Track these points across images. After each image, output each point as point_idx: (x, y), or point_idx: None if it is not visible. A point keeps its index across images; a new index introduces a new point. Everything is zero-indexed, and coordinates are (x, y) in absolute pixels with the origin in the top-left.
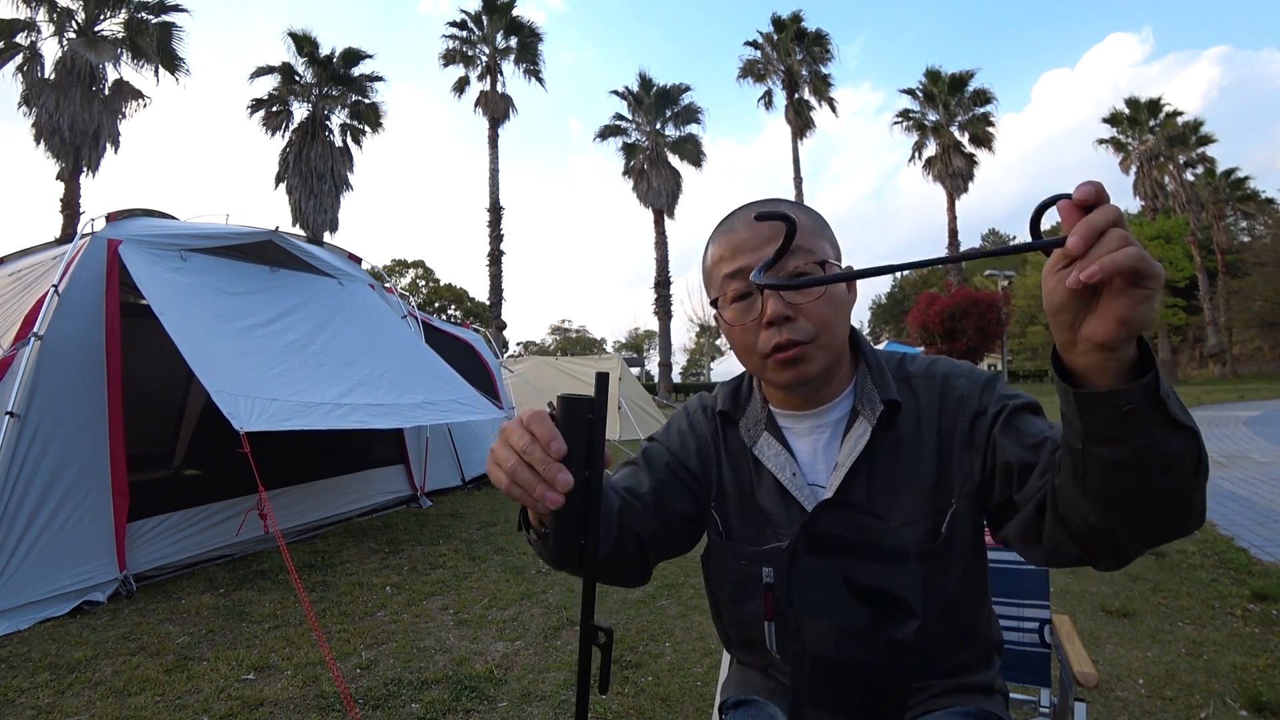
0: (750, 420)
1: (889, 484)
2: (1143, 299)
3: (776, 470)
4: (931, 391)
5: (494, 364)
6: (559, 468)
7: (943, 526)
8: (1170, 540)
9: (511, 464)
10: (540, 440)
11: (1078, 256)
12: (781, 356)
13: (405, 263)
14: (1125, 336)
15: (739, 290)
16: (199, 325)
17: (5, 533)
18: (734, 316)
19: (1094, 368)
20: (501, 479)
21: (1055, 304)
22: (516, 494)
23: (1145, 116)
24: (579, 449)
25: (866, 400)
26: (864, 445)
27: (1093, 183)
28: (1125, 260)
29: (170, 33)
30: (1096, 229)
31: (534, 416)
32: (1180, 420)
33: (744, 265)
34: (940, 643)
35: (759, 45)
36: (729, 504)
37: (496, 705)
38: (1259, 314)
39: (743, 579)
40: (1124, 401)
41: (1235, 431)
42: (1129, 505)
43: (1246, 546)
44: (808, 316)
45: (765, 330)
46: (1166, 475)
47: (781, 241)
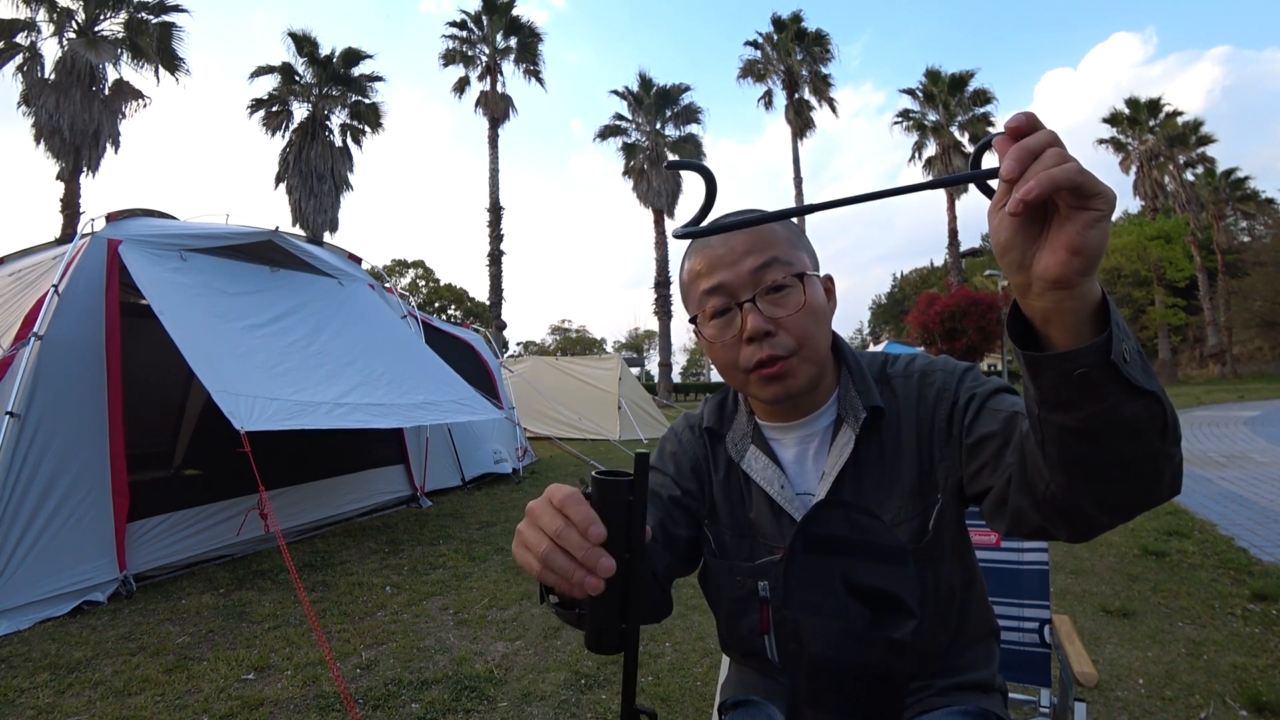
0: (737, 434)
1: (876, 488)
2: (1092, 222)
3: (764, 484)
4: (909, 390)
5: (494, 364)
6: (600, 553)
7: (930, 523)
8: (1140, 511)
9: (544, 549)
10: (577, 524)
11: (1015, 182)
12: (765, 373)
13: (405, 263)
14: (1080, 268)
15: (718, 306)
16: (199, 325)
17: (5, 533)
18: (714, 333)
19: (1053, 313)
20: (532, 564)
21: (1003, 241)
22: (550, 580)
23: (1145, 116)
24: (618, 531)
25: (850, 407)
26: (849, 453)
27: (1024, 112)
28: (1065, 175)
29: (170, 33)
30: (1031, 150)
31: (568, 498)
32: (1139, 385)
33: (722, 281)
34: (937, 637)
35: (759, 45)
36: (720, 521)
37: (496, 705)
38: (1259, 314)
39: (738, 595)
40: (1074, 364)
41: (1235, 431)
42: (1089, 473)
43: (1246, 546)
44: (789, 330)
45: (746, 346)
46: (1127, 442)
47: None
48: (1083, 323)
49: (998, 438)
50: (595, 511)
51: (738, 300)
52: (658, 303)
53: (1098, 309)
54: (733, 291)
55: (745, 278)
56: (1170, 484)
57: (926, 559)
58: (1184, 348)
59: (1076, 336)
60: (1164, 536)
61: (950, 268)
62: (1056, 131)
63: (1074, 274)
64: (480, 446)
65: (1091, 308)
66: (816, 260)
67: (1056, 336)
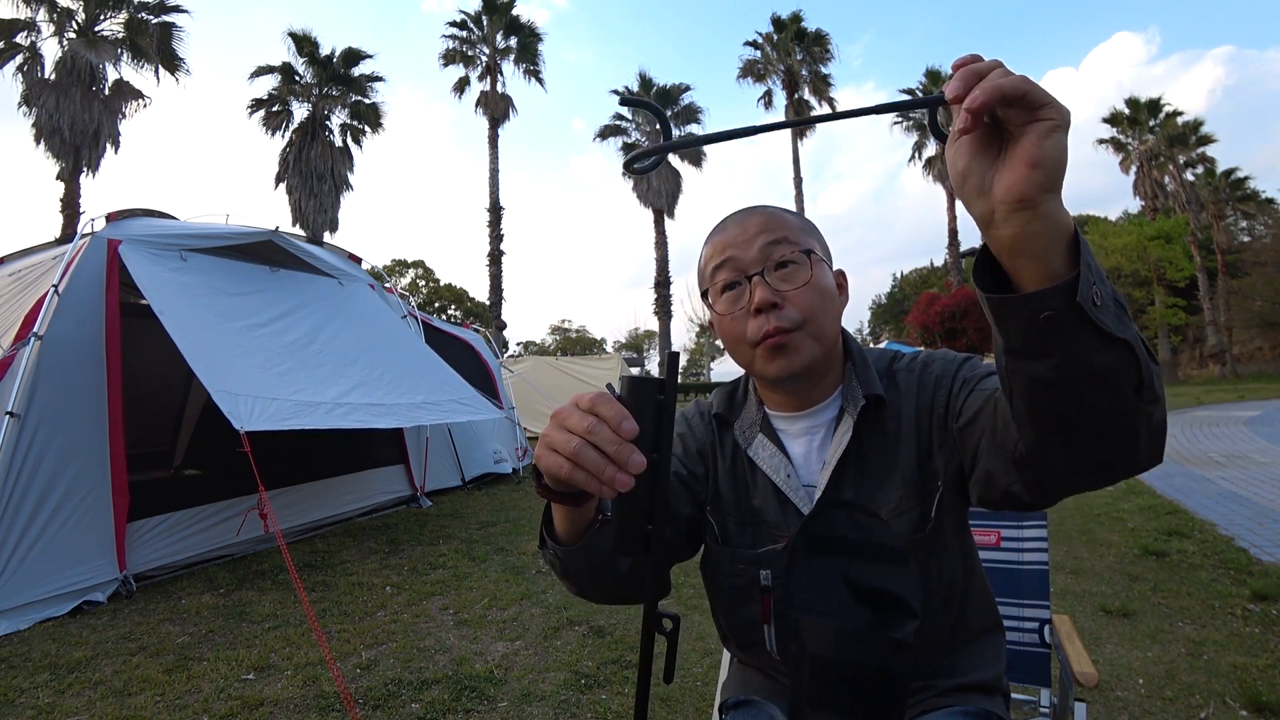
0: (745, 422)
1: (876, 478)
2: (1046, 131)
3: (771, 472)
4: (911, 380)
5: (494, 364)
6: (631, 449)
7: (931, 512)
8: (1116, 475)
9: (575, 445)
10: (609, 421)
11: (961, 102)
12: (771, 343)
13: (405, 263)
14: (1041, 182)
15: (727, 279)
16: (199, 325)
17: (5, 533)
18: (724, 307)
19: (1020, 240)
20: (560, 464)
21: (960, 169)
22: (579, 478)
23: (1145, 116)
24: (647, 432)
25: (851, 397)
26: (848, 441)
27: (971, 54)
28: (1009, 83)
29: (170, 33)
30: (976, 71)
31: (598, 397)
32: (1111, 332)
33: (732, 255)
34: (939, 626)
35: (759, 45)
36: (724, 507)
37: (496, 705)
38: (1259, 314)
39: (740, 583)
40: (1039, 307)
41: (1235, 431)
42: (1059, 427)
43: (1246, 546)
44: (794, 303)
45: (754, 318)
46: (1099, 395)
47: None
48: (1053, 252)
49: (984, 415)
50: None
51: (746, 274)
52: (658, 303)
53: (1070, 243)
54: (742, 266)
55: (755, 254)
56: (1149, 446)
57: (928, 549)
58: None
59: (1048, 268)
60: (1164, 536)
61: (950, 268)
62: (999, 60)
63: (1036, 189)
64: (480, 446)
65: (1063, 238)
66: (829, 254)
67: (1026, 271)
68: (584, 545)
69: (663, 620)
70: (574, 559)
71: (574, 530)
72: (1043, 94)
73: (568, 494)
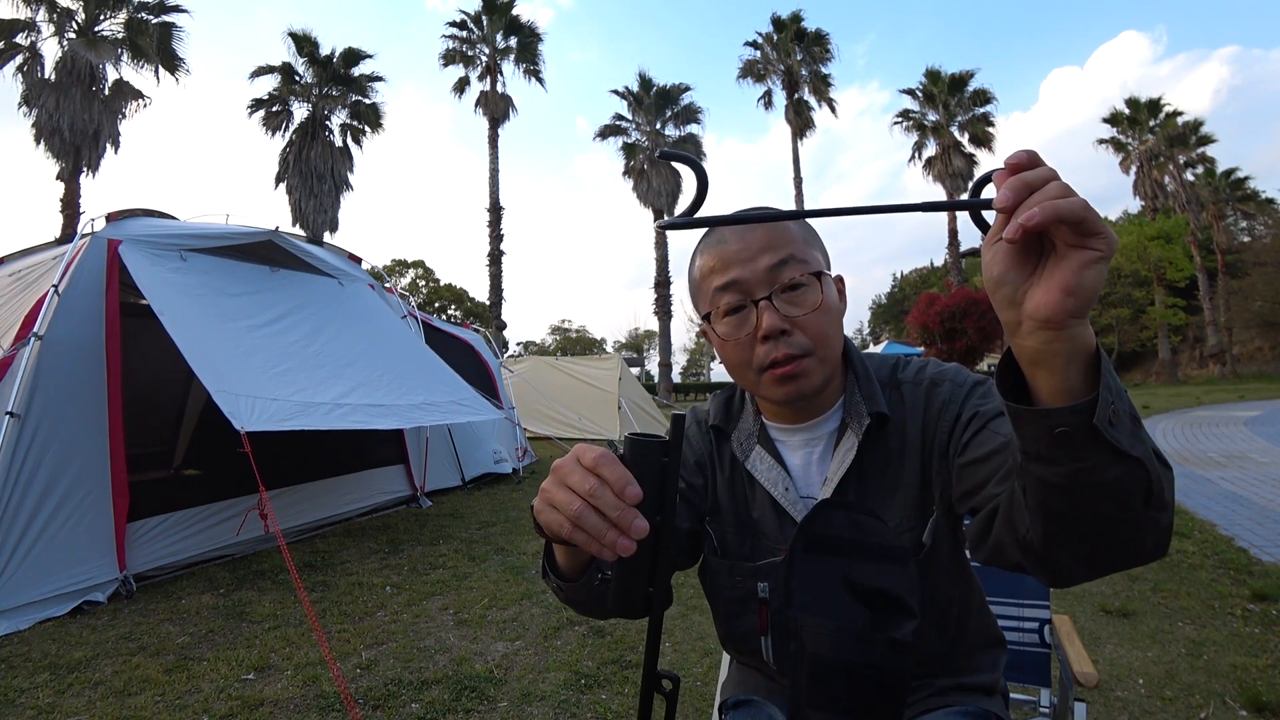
0: (743, 434)
1: (878, 495)
2: (1089, 262)
3: (769, 485)
4: (918, 398)
5: (494, 364)
6: (634, 514)
7: (925, 535)
8: (1120, 569)
9: (576, 508)
10: (612, 485)
11: (1011, 212)
12: (779, 372)
13: (405, 263)
14: (1072, 309)
15: (732, 303)
16: (199, 325)
17: (5, 533)
18: (727, 331)
19: (1041, 354)
20: (561, 524)
21: (995, 275)
22: (580, 540)
23: (1145, 116)
24: (651, 493)
25: (854, 413)
26: (852, 459)
27: (1026, 150)
28: (1069, 206)
29: (170, 33)
30: (1029, 182)
31: (601, 458)
32: (1125, 450)
33: (736, 278)
34: (934, 647)
35: (759, 45)
36: (723, 519)
37: (496, 705)
38: (1259, 314)
39: (738, 594)
40: (1056, 422)
41: (1235, 431)
42: (1065, 527)
43: (1246, 546)
44: (804, 330)
45: (761, 345)
46: (1106, 504)
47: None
48: (1070, 369)
49: (990, 462)
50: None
51: (753, 298)
52: (658, 303)
53: (1090, 361)
54: (747, 289)
55: (761, 275)
56: (1154, 547)
57: (924, 570)
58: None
59: (1065, 383)
60: None
61: (950, 268)
62: (1054, 169)
63: (1065, 314)
64: (480, 446)
65: (1083, 356)
66: (829, 260)
67: (1043, 383)
68: (586, 581)
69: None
70: (576, 592)
71: (575, 566)
72: (1098, 222)
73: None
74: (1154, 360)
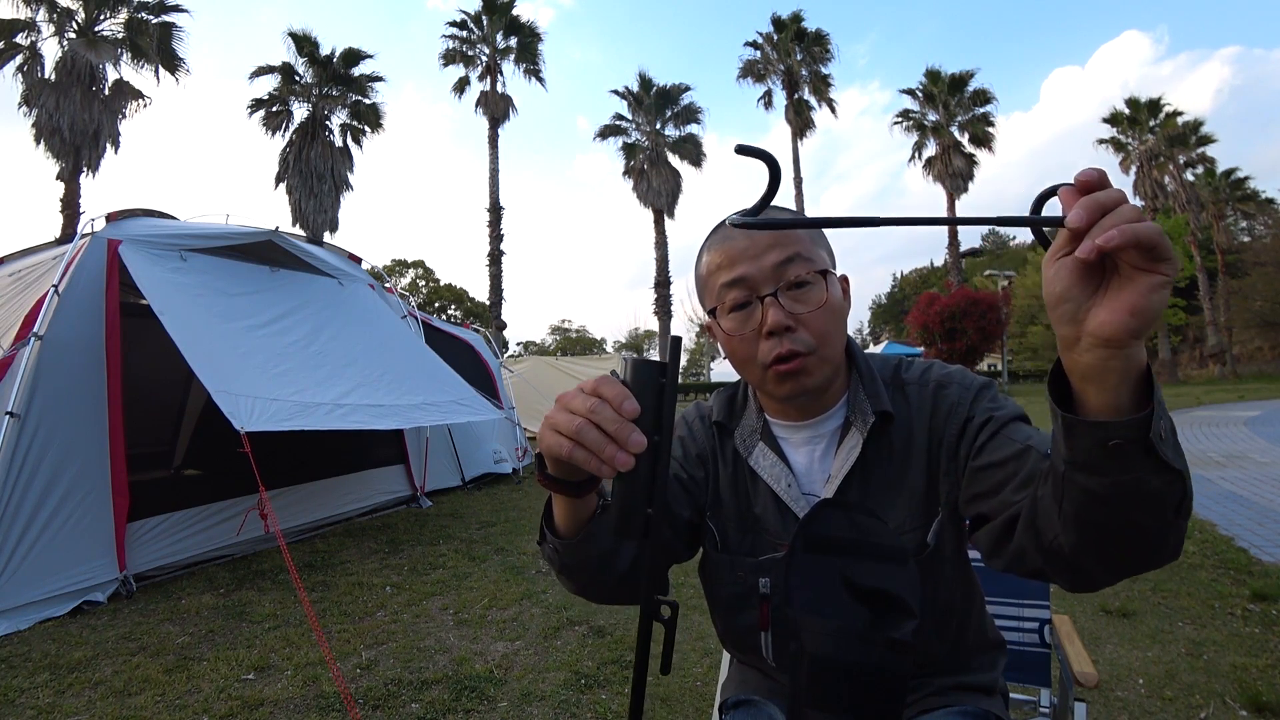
0: (746, 430)
1: (882, 494)
2: (1156, 286)
3: (772, 481)
4: (924, 399)
5: (494, 364)
6: (631, 428)
7: (929, 535)
8: (1140, 572)
9: (577, 424)
10: (611, 401)
11: (1081, 234)
12: (783, 368)
13: (405, 263)
14: (1135, 330)
15: (738, 299)
16: (199, 325)
17: (5, 533)
18: (733, 326)
19: (1096, 370)
20: (562, 444)
21: (1058, 292)
22: (580, 457)
23: (1145, 116)
24: (649, 413)
25: (859, 411)
26: (856, 457)
27: (1095, 168)
28: (1146, 232)
29: (170, 33)
30: (1102, 203)
31: (601, 380)
32: (1170, 463)
33: (743, 274)
34: (933, 649)
35: (759, 45)
36: (725, 514)
37: (496, 705)
38: (1259, 314)
39: (739, 590)
40: (1111, 435)
41: (1235, 431)
42: (1100, 535)
43: (1246, 546)
44: (808, 327)
45: (765, 341)
46: (1144, 513)
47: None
48: (1122, 386)
49: (1006, 468)
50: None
51: (759, 294)
52: (658, 303)
53: (1140, 377)
54: (754, 285)
55: (768, 272)
56: (1173, 550)
57: (926, 570)
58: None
59: (1115, 399)
60: None
61: (950, 268)
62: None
63: (1128, 335)
64: (480, 446)
65: (1134, 373)
66: (834, 260)
67: (1093, 397)
68: (584, 538)
69: (661, 607)
70: (573, 553)
71: (574, 524)
72: (1168, 248)
73: (570, 483)
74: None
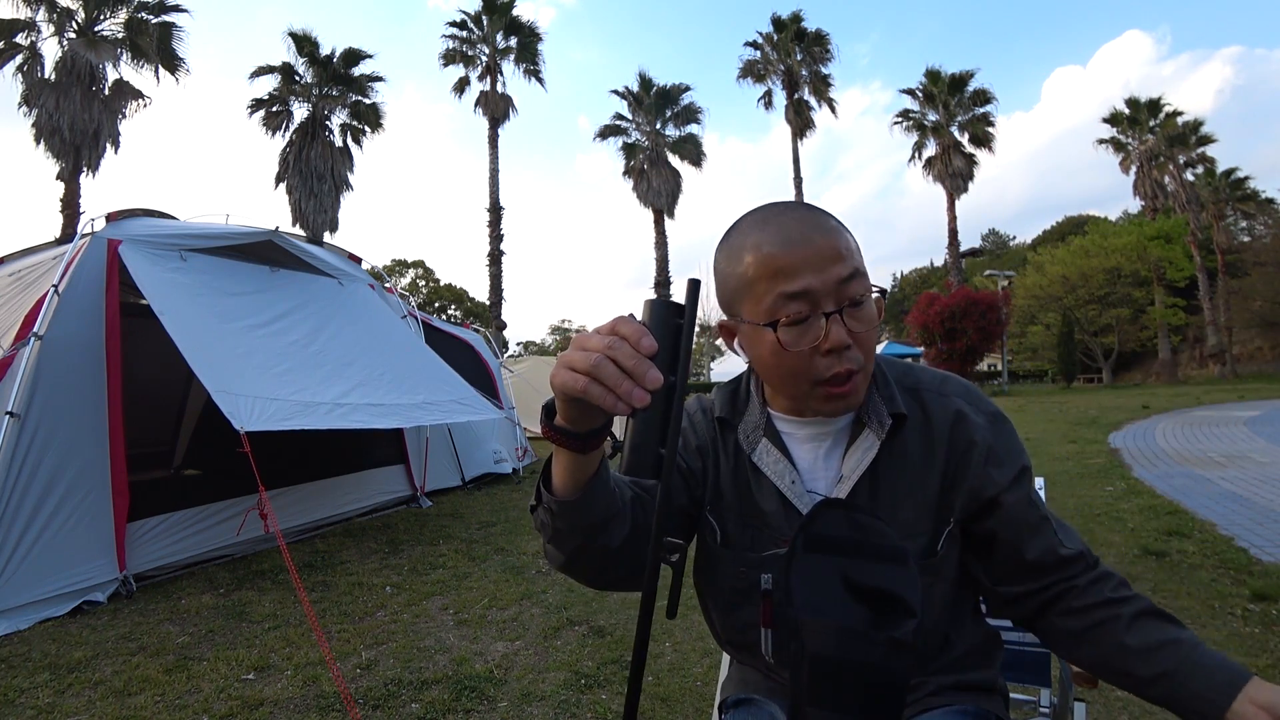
0: (749, 426)
1: (892, 496)
2: None
3: (775, 478)
4: (944, 416)
5: (494, 364)
6: (649, 364)
7: (939, 544)
8: None
9: (594, 359)
10: (628, 338)
11: None
12: (837, 389)
13: (405, 263)
14: None
15: (802, 313)
16: (199, 325)
17: (5, 533)
18: (790, 340)
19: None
20: (578, 380)
21: None
22: (595, 393)
23: (1145, 116)
24: (665, 353)
25: (873, 412)
26: (871, 459)
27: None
28: None
29: (170, 33)
30: None
31: (618, 319)
32: None
33: (808, 287)
34: (933, 648)
35: (759, 45)
36: (725, 508)
37: (496, 705)
38: (1259, 314)
39: (741, 585)
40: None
41: (1235, 431)
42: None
43: (1246, 546)
44: (861, 345)
45: (823, 358)
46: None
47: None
48: None
49: (1028, 573)
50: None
51: (822, 310)
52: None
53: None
54: (817, 300)
55: (830, 287)
56: None
57: (932, 575)
58: (1184, 348)
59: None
60: (1164, 536)
61: (950, 268)
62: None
63: None
64: (480, 446)
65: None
66: None
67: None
68: (581, 498)
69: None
70: (567, 516)
71: (574, 482)
72: None
73: (576, 435)
74: (1154, 360)
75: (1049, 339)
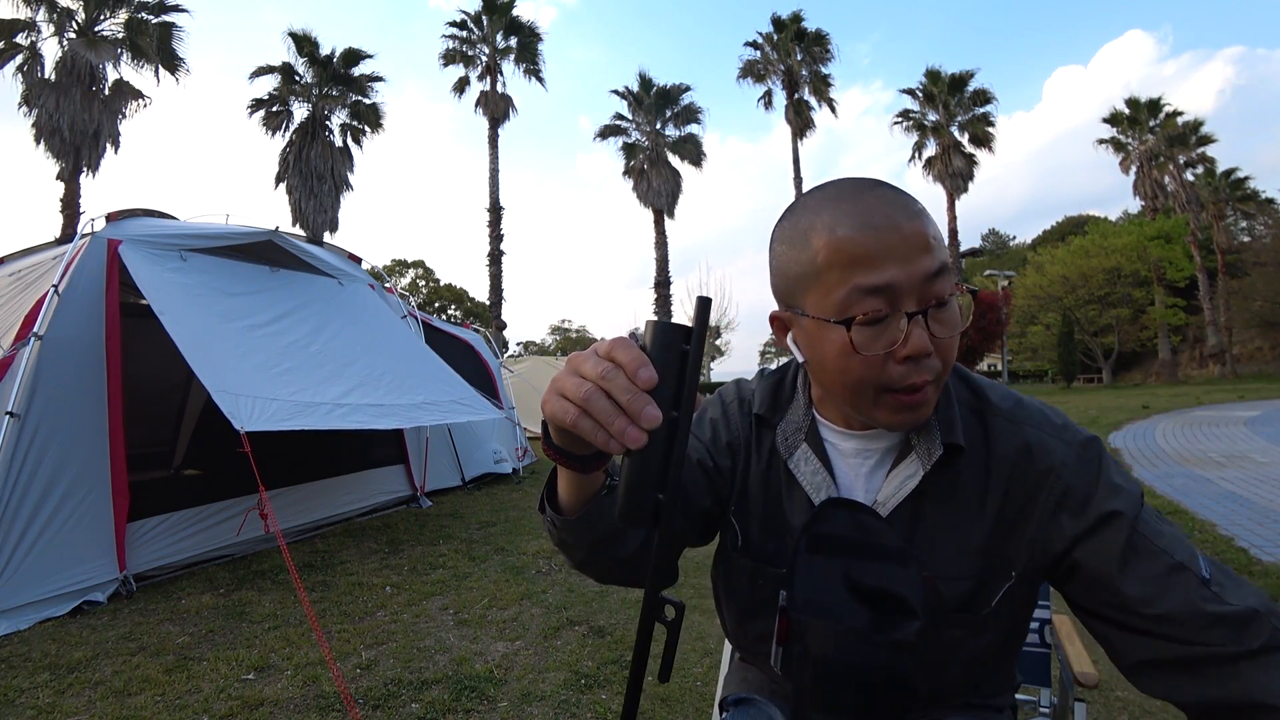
0: (790, 427)
1: (932, 532)
2: None
3: (811, 490)
4: (1010, 444)
5: (494, 364)
6: (646, 399)
7: (994, 599)
8: None
9: (586, 391)
10: (625, 367)
11: None
12: (910, 399)
13: (405, 263)
14: None
15: (879, 311)
16: (199, 325)
17: (5, 533)
18: (864, 341)
19: None
20: (568, 411)
21: None
22: (585, 428)
23: (1145, 116)
24: (668, 384)
25: (924, 435)
26: (912, 488)
27: None
28: None
29: (170, 33)
30: None
31: (617, 342)
32: None
33: (891, 281)
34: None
35: (759, 45)
36: (750, 512)
37: (496, 705)
38: (1259, 314)
39: (759, 597)
40: None
41: (1235, 431)
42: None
43: (1246, 546)
44: (941, 353)
45: (899, 364)
46: None
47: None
48: None
49: (1145, 623)
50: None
51: (903, 309)
52: (658, 303)
53: None
54: (897, 297)
55: (916, 283)
56: None
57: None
58: (1184, 348)
59: None
60: None
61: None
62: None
63: None
64: (480, 446)
65: None
66: None
67: None
68: (584, 517)
69: (665, 608)
70: (571, 531)
71: (577, 501)
72: None
73: (575, 456)
74: (1154, 360)
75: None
